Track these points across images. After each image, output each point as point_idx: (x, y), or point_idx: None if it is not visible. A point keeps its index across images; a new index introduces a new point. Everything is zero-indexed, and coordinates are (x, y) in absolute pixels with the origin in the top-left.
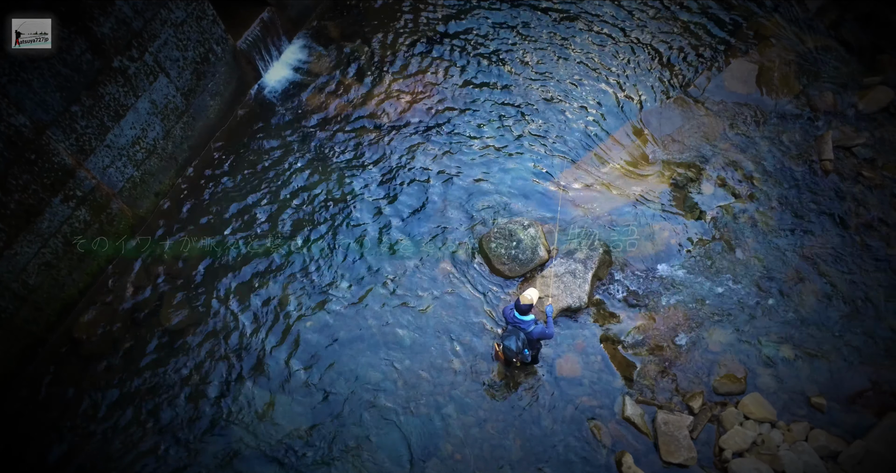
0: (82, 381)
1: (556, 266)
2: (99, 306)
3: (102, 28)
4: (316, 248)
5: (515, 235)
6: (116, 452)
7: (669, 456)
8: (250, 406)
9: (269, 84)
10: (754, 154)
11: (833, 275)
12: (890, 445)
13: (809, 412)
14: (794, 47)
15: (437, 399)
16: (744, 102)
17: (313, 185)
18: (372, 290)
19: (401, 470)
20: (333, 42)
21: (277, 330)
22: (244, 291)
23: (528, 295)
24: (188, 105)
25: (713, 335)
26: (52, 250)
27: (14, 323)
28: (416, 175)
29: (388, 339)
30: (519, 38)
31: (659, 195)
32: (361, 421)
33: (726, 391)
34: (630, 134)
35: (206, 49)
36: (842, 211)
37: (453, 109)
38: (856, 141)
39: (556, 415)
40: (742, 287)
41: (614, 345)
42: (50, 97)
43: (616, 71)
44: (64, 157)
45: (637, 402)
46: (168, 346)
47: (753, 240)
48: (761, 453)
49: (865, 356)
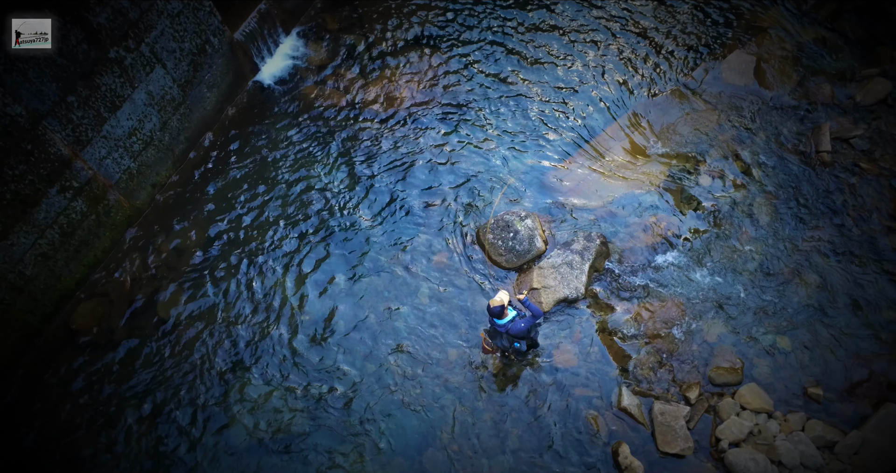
0: (79, 372)
1: (554, 257)
2: (96, 297)
3: (98, 18)
4: (313, 239)
5: (512, 226)
6: (113, 443)
7: (666, 446)
8: (248, 398)
9: (267, 76)
10: (752, 146)
11: (830, 266)
12: (887, 435)
13: (806, 402)
14: (793, 39)
15: (434, 390)
16: (741, 93)
17: (310, 175)
18: (369, 281)
19: (398, 461)
20: (331, 34)
21: (275, 322)
22: (242, 282)
23: (496, 298)
24: (185, 96)
25: (710, 326)
26: (49, 241)
27: (10, 314)
28: (412, 166)
29: (386, 330)
30: (517, 32)
31: (656, 187)
32: (359, 413)
33: (723, 382)
34: (627, 126)
35: (203, 40)
36: (839, 202)
37: (451, 101)
38: (853, 133)
39: (552, 406)
40: (739, 278)
41: (611, 336)
42: (46, 87)
43: (613, 63)
44: (60, 147)
45: (634, 392)
46: (165, 337)
47: (751, 231)
48: (758, 443)
49: (863, 346)
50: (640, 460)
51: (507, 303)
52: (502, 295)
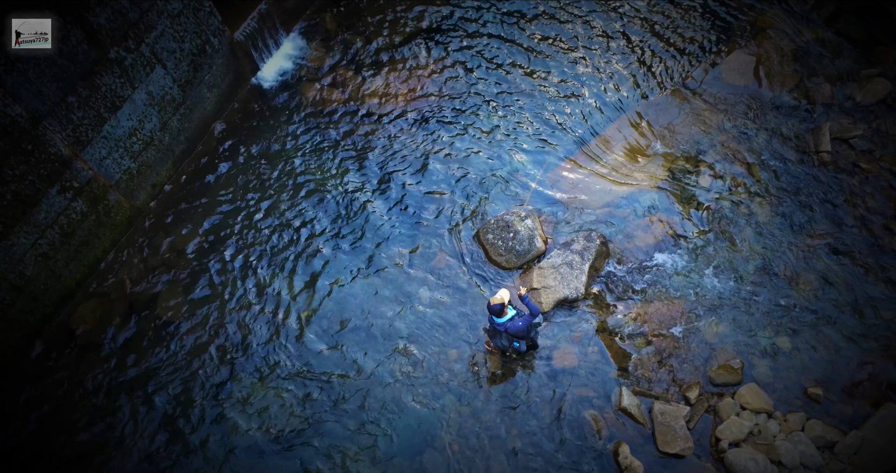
0: (79, 372)
1: (554, 257)
2: (96, 297)
3: (99, 18)
4: (313, 238)
5: (512, 226)
6: (113, 443)
7: (666, 446)
8: (248, 397)
9: (267, 76)
10: (752, 146)
11: (830, 266)
12: (886, 435)
13: (806, 402)
14: (792, 39)
15: (434, 390)
16: (741, 94)
17: (311, 176)
18: (370, 281)
19: (397, 461)
20: (331, 34)
21: (275, 321)
22: (242, 281)
23: (497, 296)
24: (185, 97)
25: (710, 326)
26: (49, 242)
27: (10, 314)
28: (412, 167)
29: (386, 330)
30: (517, 31)
31: (657, 187)
32: (359, 413)
33: (723, 382)
34: (627, 126)
35: (203, 40)
36: (839, 202)
37: (451, 101)
38: (853, 133)
39: (552, 406)
40: (739, 278)
41: (611, 336)
42: (46, 88)
43: (613, 63)
44: (60, 148)
45: (634, 393)
46: (166, 338)
47: (751, 231)
48: (758, 443)
49: (862, 347)
50: (640, 460)
51: (507, 302)
52: (503, 293)
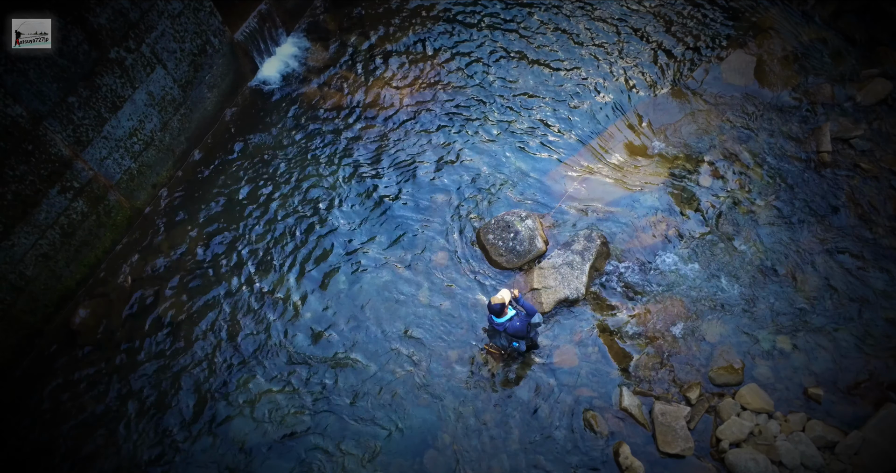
0: (79, 372)
1: (554, 257)
2: (97, 297)
3: (99, 18)
4: (314, 238)
5: (513, 226)
6: (114, 442)
7: (666, 447)
8: (248, 397)
9: (267, 76)
10: (752, 146)
11: (831, 266)
12: (887, 435)
13: (806, 402)
14: (793, 39)
15: (435, 390)
16: (742, 94)
17: (311, 175)
18: (370, 281)
19: (399, 461)
20: (331, 34)
21: (275, 321)
22: (242, 281)
23: (498, 296)
24: (185, 97)
25: (711, 326)
26: (50, 242)
27: (11, 314)
28: (412, 167)
29: (386, 330)
30: (518, 32)
31: (657, 187)
32: (360, 413)
33: (723, 382)
34: (628, 126)
35: (204, 41)
36: (839, 203)
37: (451, 101)
38: (854, 133)
39: (553, 406)
40: (740, 278)
41: (612, 336)
42: (46, 88)
43: (613, 63)
44: (61, 148)
45: (634, 393)
46: (166, 338)
47: (751, 231)
48: (758, 443)
49: (863, 347)
50: (640, 460)
51: (507, 302)
52: (503, 293)
